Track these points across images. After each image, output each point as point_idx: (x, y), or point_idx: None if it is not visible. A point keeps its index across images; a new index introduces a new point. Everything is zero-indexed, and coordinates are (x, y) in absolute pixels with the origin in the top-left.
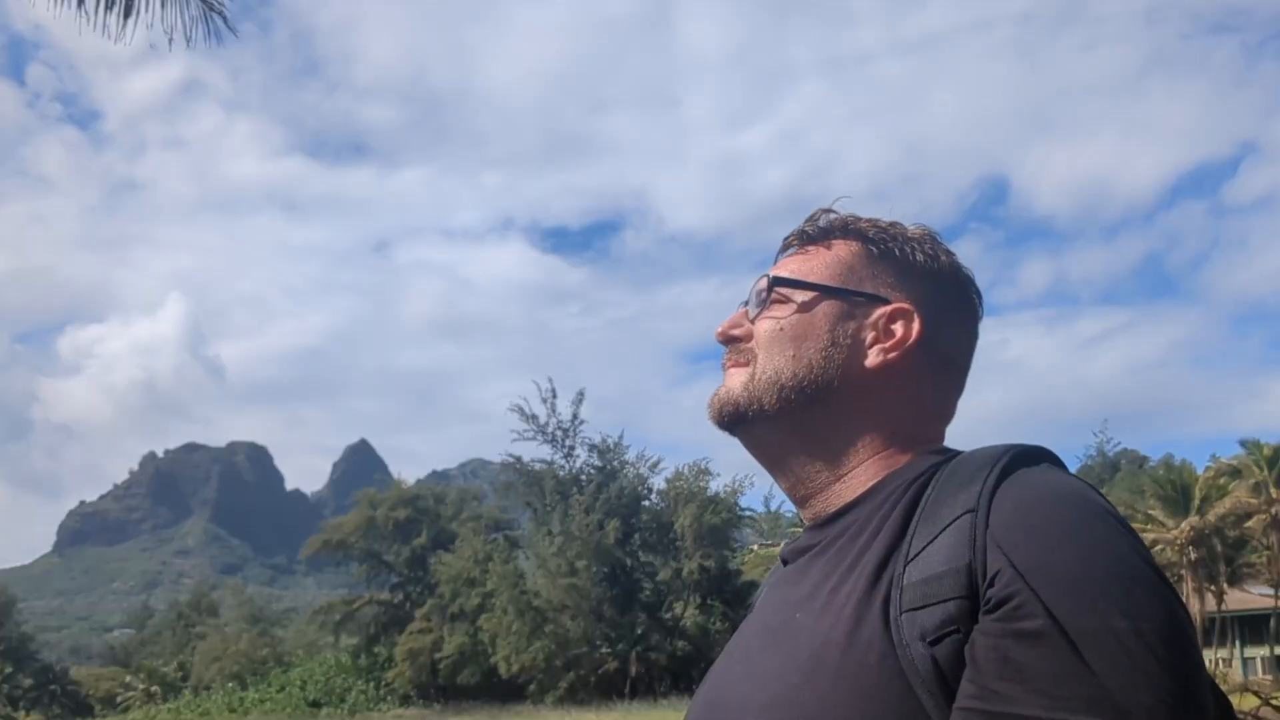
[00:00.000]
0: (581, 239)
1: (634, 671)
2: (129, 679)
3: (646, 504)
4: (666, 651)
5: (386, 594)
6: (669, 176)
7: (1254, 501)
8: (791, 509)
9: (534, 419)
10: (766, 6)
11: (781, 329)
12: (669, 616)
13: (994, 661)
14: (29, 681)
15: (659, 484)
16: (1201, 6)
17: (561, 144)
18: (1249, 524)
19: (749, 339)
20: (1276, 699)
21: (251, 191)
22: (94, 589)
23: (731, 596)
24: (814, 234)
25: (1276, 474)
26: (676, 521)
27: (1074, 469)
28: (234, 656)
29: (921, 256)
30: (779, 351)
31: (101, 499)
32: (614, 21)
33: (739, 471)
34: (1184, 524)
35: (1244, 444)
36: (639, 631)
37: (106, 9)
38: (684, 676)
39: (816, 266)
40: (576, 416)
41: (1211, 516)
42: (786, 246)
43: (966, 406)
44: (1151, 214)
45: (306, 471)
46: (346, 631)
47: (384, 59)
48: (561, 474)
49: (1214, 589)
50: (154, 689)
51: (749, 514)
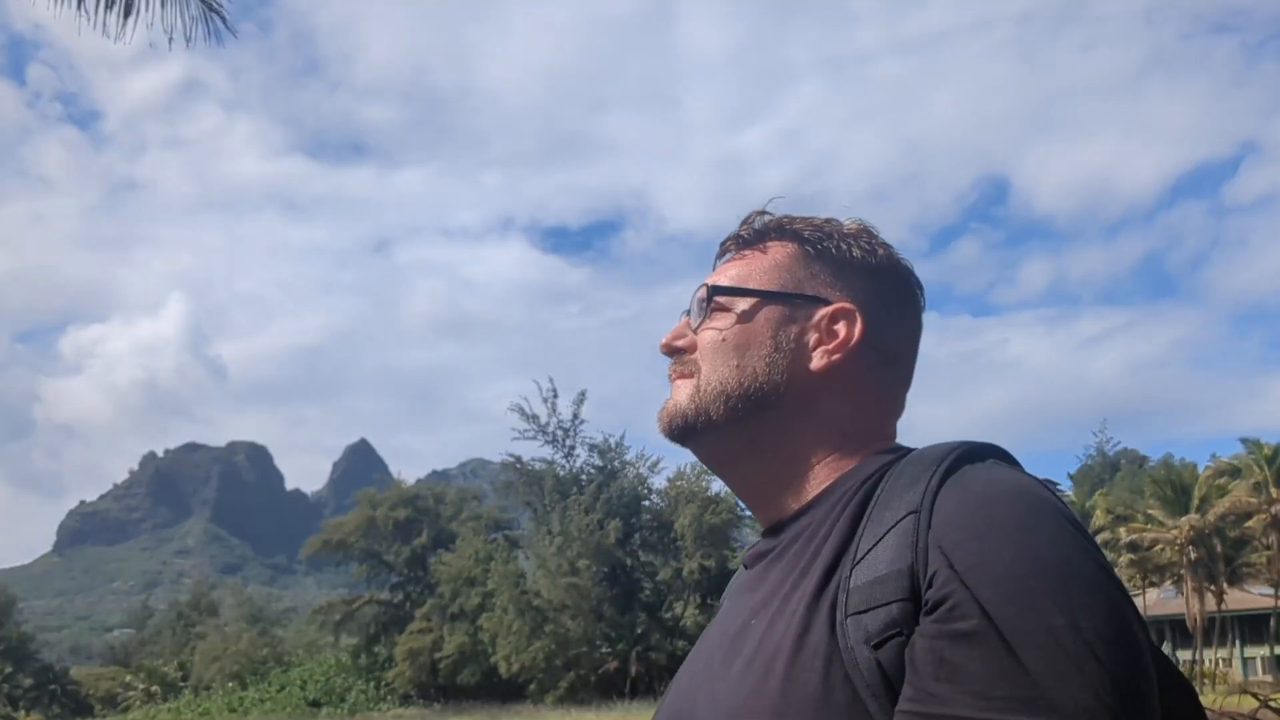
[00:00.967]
0: (581, 239)
1: (634, 671)
2: (129, 679)
3: (647, 504)
4: (666, 651)
5: (386, 594)
6: (669, 176)
7: (1254, 501)
8: None
9: (534, 419)
10: (766, 6)
11: (724, 339)
12: (669, 616)
13: (930, 663)
14: (29, 681)
15: (659, 484)
16: (1201, 6)
17: (561, 144)
18: (1249, 524)
19: (693, 349)
20: (1275, 700)
21: (252, 191)
22: (94, 589)
23: None
24: (750, 237)
25: (1276, 473)
26: (677, 521)
27: (1074, 469)
28: (234, 656)
29: (858, 252)
30: (723, 361)
31: (101, 499)
32: (614, 21)
33: None
34: (1184, 524)
35: (1244, 442)
36: (639, 631)
37: (106, 9)
38: None
39: (755, 271)
40: (577, 416)
41: (1211, 516)
42: (724, 251)
43: (967, 407)
44: (1152, 214)
45: (306, 471)
46: (346, 631)
47: (384, 59)
48: (562, 474)
49: (1214, 589)
50: (154, 689)
51: (750, 513)
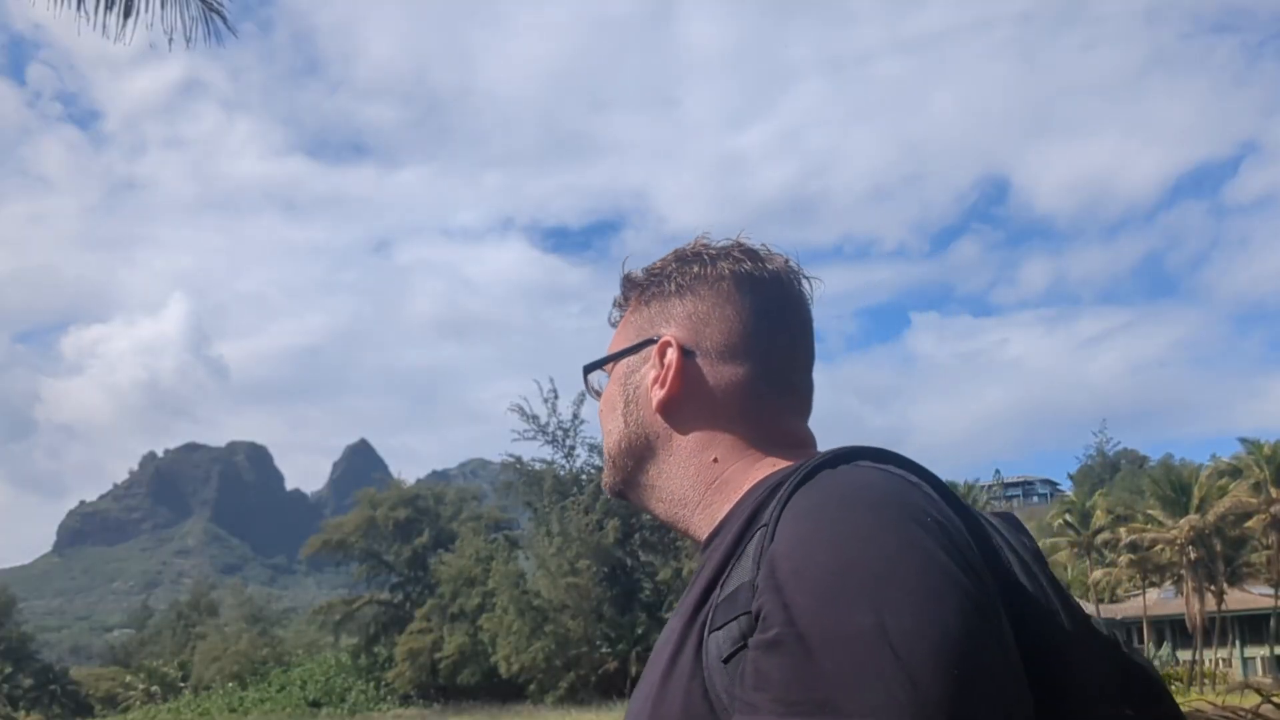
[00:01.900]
0: (582, 239)
1: (634, 671)
2: (129, 679)
3: None
4: None
5: (386, 594)
6: (669, 176)
7: (1254, 501)
8: None
9: (534, 419)
10: (766, 6)
11: (601, 409)
12: (669, 616)
13: (750, 674)
14: (29, 681)
15: None
16: (1202, 6)
17: (561, 144)
18: (1249, 524)
19: None
20: (1278, 696)
21: (252, 191)
22: (94, 589)
23: None
24: (621, 304)
25: (1276, 473)
26: None
27: (1074, 469)
28: (234, 656)
29: (685, 278)
30: (605, 429)
31: (101, 499)
32: (614, 21)
33: None
34: (1184, 524)
35: (1244, 442)
36: (639, 631)
37: (106, 9)
38: None
39: (617, 338)
40: (577, 416)
41: (1211, 516)
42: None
43: (967, 407)
44: (1152, 214)
45: (306, 471)
46: (346, 631)
47: (384, 59)
48: (562, 474)
49: (1214, 589)
50: (154, 689)
51: None
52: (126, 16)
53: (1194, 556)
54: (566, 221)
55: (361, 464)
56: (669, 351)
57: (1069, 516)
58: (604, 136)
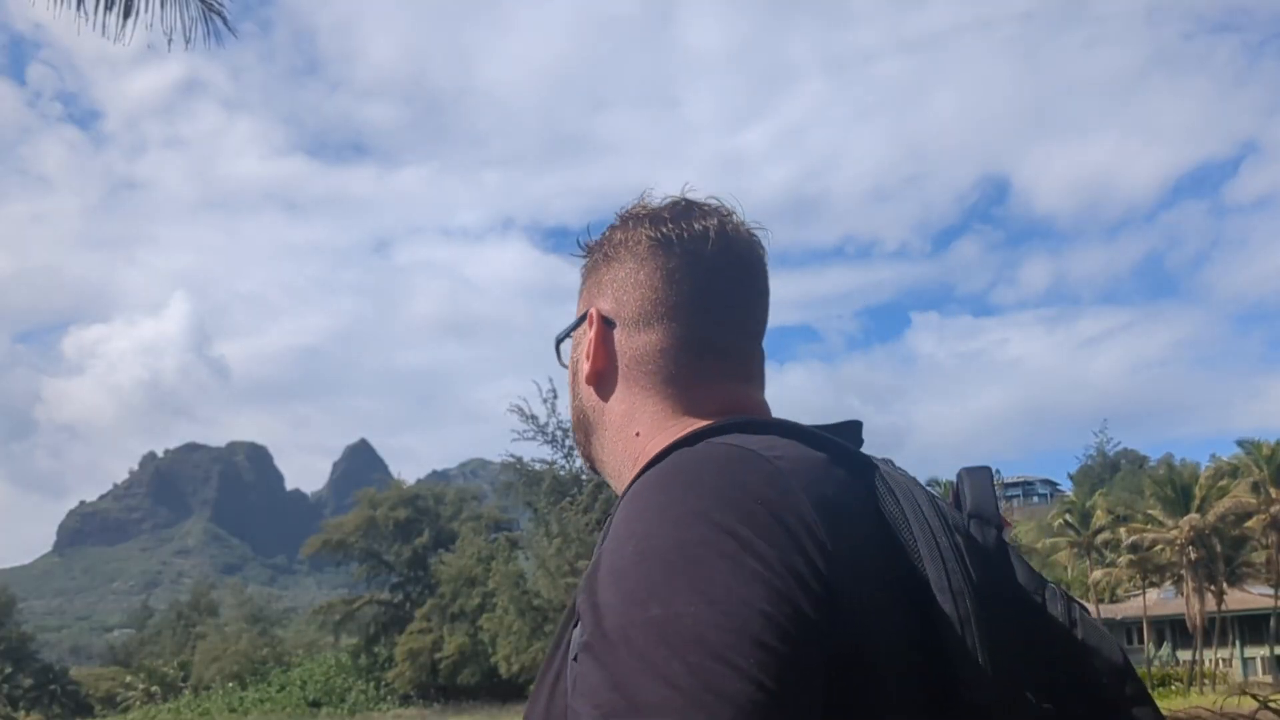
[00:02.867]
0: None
1: None
2: (129, 679)
3: None
4: None
5: (386, 594)
6: (669, 176)
7: (1253, 501)
8: None
9: (534, 419)
10: (767, 6)
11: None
12: None
13: (573, 679)
14: (29, 681)
15: None
16: (1203, 6)
17: (562, 144)
18: (1249, 524)
19: None
20: (1275, 701)
21: (252, 191)
22: (94, 589)
23: None
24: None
25: (1275, 473)
26: None
27: (1074, 469)
28: (234, 656)
29: (610, 245)
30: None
31: (101, 499)
32: (614, 21)
33: None
34: (1184, 524)
35: (1241, 444)
36: None
37: (106, 9)
38: None
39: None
40: None
41: (1211, 516)
42: None
43: (967, 407)
44: (1152, 214)
45: (306, 471)
46: (346, 631)
47: (384, 58)
48: (561, 474)
49: (1214, 589)
50: (154, 689)
51: None
52: (126, 16)
53: (1194, 556)
54: (567, 221)
55: (361, 464)
56: (592, 325)
57: (1069, 517)
58: (604, 136)
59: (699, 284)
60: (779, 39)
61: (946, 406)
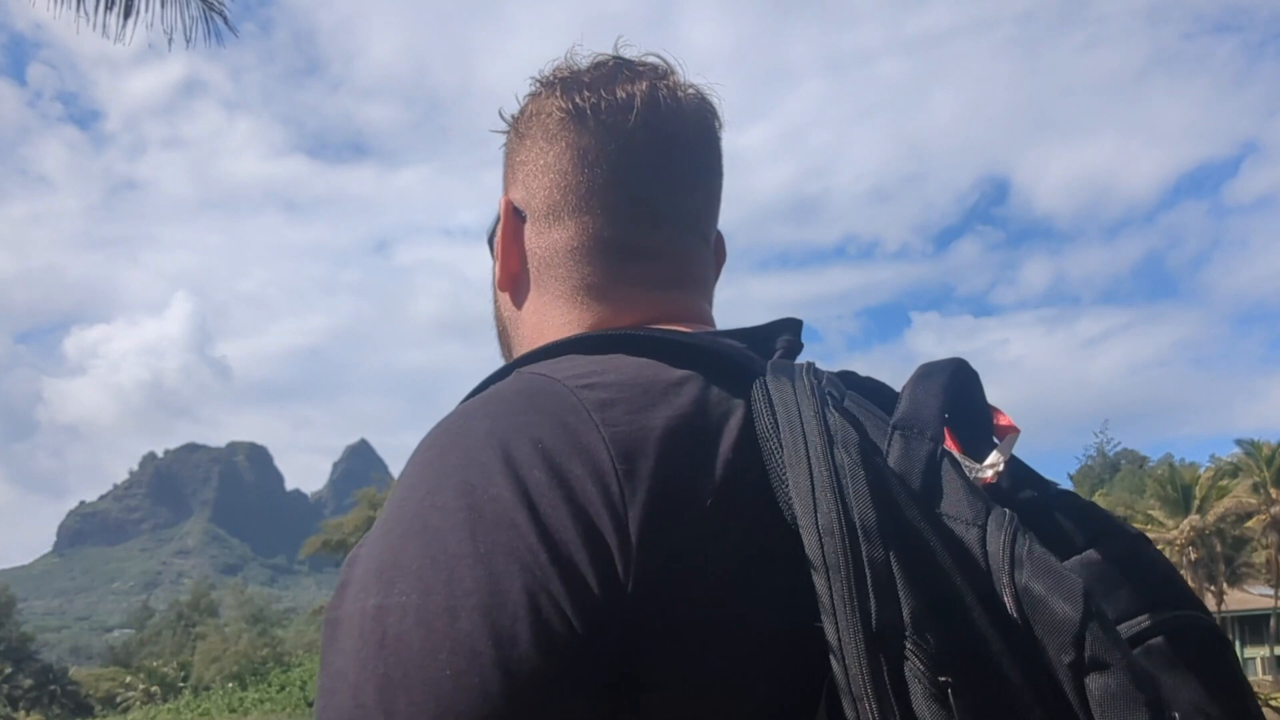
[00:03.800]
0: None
1: None
2: (129, 679)
3: None
4: None
5: None
6: None
7: (1253, 501)
8: None
9: None
10: (767, 6)
11: None
12: None
13: None
14: (29, 681)
15: None
16: (1203, 6)
17: None
18: (1249, 524)
19: None
20: (1275, 700)
21: (253, 191)
22: (94, 589)
23: None
24: None
25: (1276, 473)
26: None
27: (1074, 469)
28: (234, 656)
29: (522, 121)
30: None
31: (101, 499)
32: (614, 21)
33: None
34: (1184, 524)
35: (1240, 444)
36: None
37: (106, 9)
38: None
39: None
40: None
41: (1211, 516)
42: None
43: None
44: (1152, 214)
45: (306, 471)
46: None
47: (385, 59)
48: None
49: (1214, 589)
50: (154, 689)
51: None
52: (126, 16)
53: (1194, 557)
54: None
55: (361, 464)
56: (503, 216)
57: None
58: None
59: (616, 166)
60: (779, 39)
61: None
